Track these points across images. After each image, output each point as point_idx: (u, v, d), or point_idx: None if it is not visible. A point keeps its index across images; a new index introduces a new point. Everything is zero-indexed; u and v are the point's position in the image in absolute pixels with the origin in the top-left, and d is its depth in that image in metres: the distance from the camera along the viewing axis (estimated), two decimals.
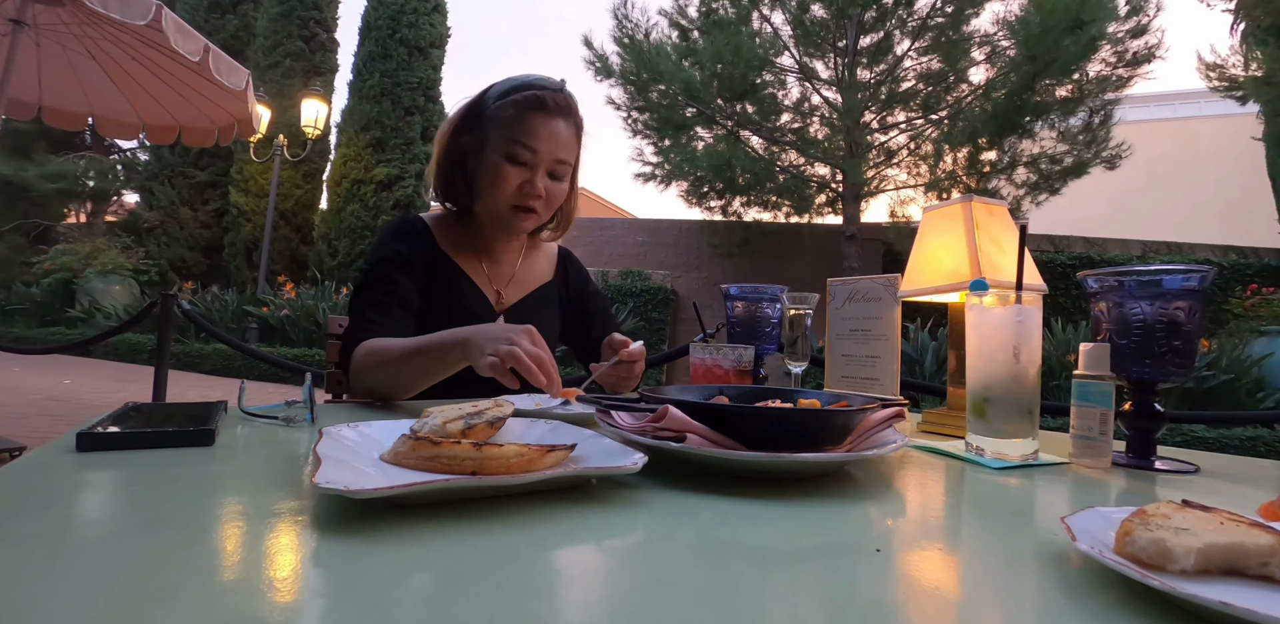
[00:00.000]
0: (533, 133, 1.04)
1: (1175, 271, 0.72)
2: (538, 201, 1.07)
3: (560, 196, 1.12)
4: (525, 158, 1.05)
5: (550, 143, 1.05)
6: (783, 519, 0.45)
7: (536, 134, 1.04)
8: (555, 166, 1.07)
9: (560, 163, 1.07)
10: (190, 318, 3.22)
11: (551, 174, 1.08)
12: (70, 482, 0.49)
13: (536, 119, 1.04)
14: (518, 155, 1.05)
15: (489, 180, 1.07)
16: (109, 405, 0.81)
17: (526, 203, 1.07)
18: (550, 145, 1.05)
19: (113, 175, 12.92)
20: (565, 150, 1.07)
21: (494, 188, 1.06)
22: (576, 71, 5.83)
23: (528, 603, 0.31)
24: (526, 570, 0.35)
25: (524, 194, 1.06)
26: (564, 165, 1.08)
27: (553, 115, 1.05)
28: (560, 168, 1.08)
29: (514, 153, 1.04)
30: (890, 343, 1.02)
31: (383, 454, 0.53)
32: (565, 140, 1.07)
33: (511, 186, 1.06)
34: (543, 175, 1.07)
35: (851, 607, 0.31)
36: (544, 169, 1.06)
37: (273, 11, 10.38)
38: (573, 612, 0.30)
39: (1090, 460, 0.71)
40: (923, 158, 7.56)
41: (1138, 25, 6.61)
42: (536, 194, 1.06)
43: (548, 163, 1.06)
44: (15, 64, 2.88)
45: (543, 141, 1.04)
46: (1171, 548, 0.33)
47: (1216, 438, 3.58)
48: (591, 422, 0.73)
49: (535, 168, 1.06)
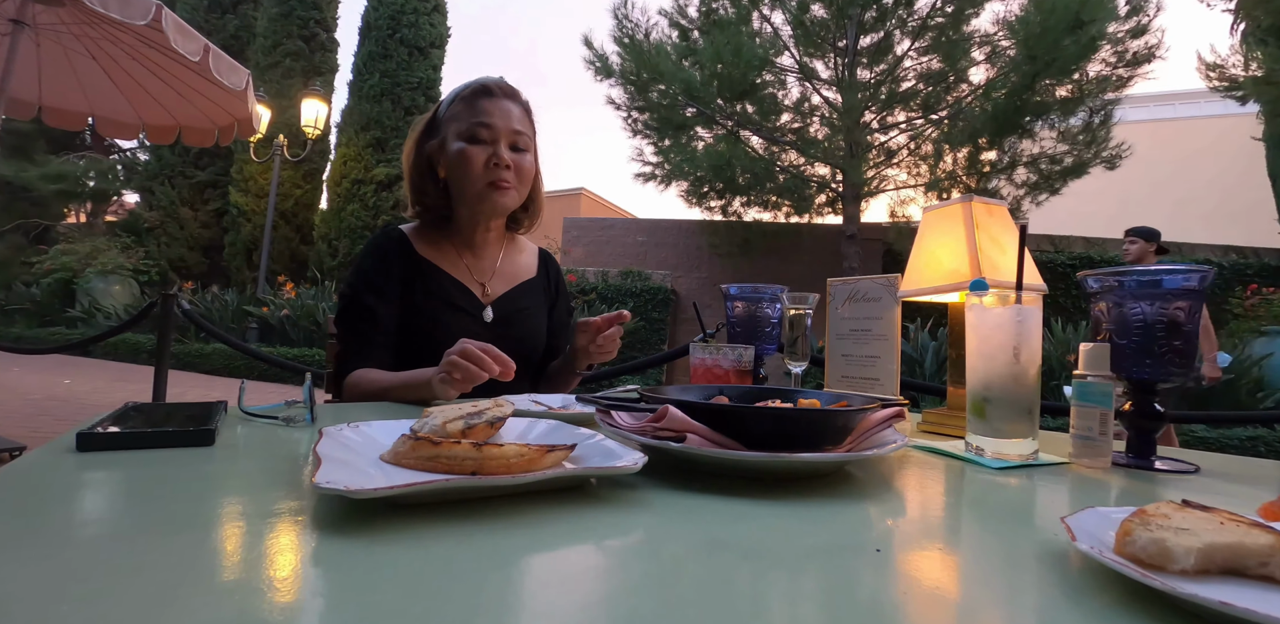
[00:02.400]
0: (485, 112, 1.12)
1: (1175, 271, 0.72)
2: (508, 172, 1.13)
3: (529, 170, 1.17)
4: (484, 135, 1.12)
5: (503, 118, 1.12)
6: (783, 519, 0.45)
7: (489, 112, 1.12)
8: (515, 138, 1.14)
9: (518, 134, 1.14)
10: (190, 318, 3.22)
11: (513, 147, 1.14)
12: (70, 482, 0.49)
13: (484, 102, 1.13)
14: (477, 134, 1.12)
15: (458, 167, 1.13)
16: (109, 405, 0.81)
17: (498, 176, 1.12)
18: (504, 120, 1.12)
19: (113, 175, 12.93)
20: (520, 123, 1.14)
21: (464, 171, 1.13)
22: (577, 71, 5.84)
23: (528, 603, 0.31)
24: (527, 570, 0.35)
25: (492, 168, 1.12)
26: (523, 137, 1.14)
27: (498, 97, 1.14)
28: (520, 139, 1.14)
29: (473, 133, 1.12)
30: (890, 343, 1.02)
31: (383, 454, 0.53)
32: (517, 115, 1.15)
33: (479, 164, 1.12)
34: (505, 148, 1.12)
35: (851, 607, 0.31)
36: (505, 142, 1.13)
37: (273, 11, 10.38)
38: (573, 612, 0.30)
39: (1090, 460, 0.71)
40: (923, 158, 7.56)
41: (1138, 25, 6.61)
42: (505, 164, 1.12)
43: (506, 136, 1.13)
44: (15, 64, 2.88)
45: (496, 117, 1.12)
46: (1171, 548, 0.33)
47: (1216, 438, 3.58)
48: (591, 422, 0.73)
49: (496, 142, 1.12)
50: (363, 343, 1.12)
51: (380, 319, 1.13)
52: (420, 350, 1.14)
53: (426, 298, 1.15)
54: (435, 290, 1.16)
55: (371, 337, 1.12)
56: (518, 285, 1.25)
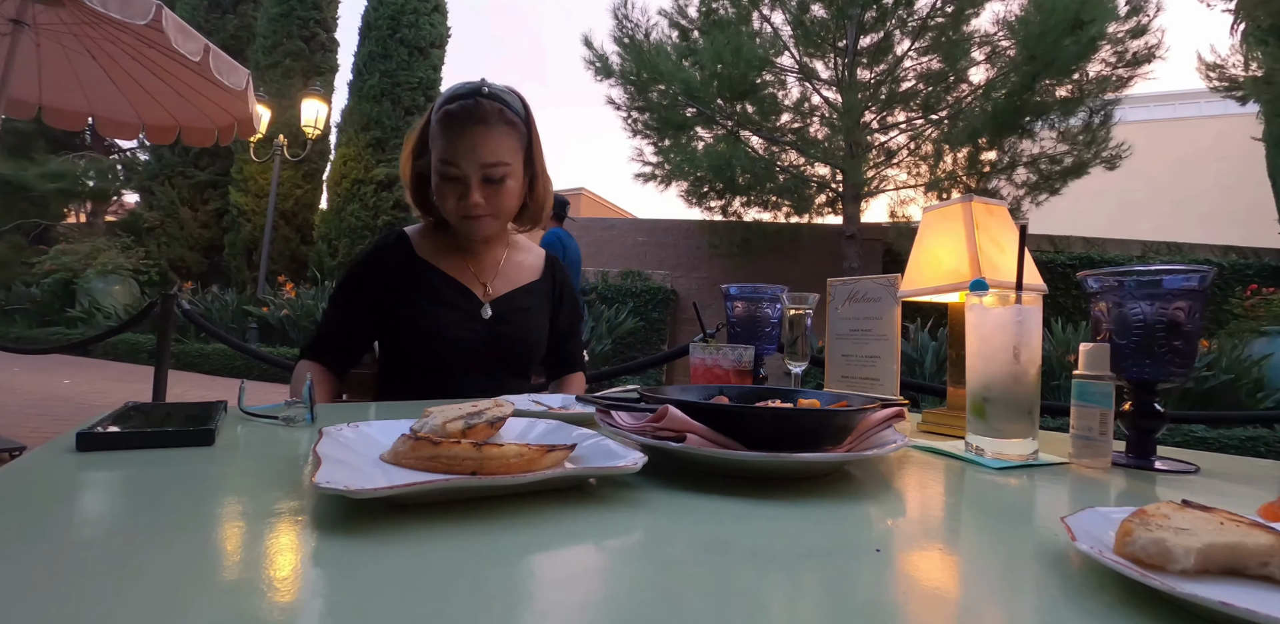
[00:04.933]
0: (452, 149, 1.07)
1: (1175, 272, 0.72)
2: (479, 209, 1.11)
3: (508, 196, 1.13)
4: (454, 173, 1.09)
5: (470, 154, 1.07)
6: (783, 519, 0.45)
7: (456, 149, 1.07)
8: (487, 171, 1.09)
9: (490, 167, 1.08)
10: (190, 318, 3.22)
11: (487, 179, 1.10)
12: (70, 482, 0.49)
13: (451, 135, 1.07)
14: (448, 173, 1.09)
15: (437, 199, 1.14)
16: (109, 405, 0.81)
17: (468, 212, 1.11)
18: (470, 157, 1.07)
19: (113, 175, 12.93)
20: (491, 154, 1.08)
21: (440, 206, 1.14)
22: (577, 71, 5.84)
23: (528, 603, 0.31)
24: (526, 570, 0.35)
25: (463, 207, 1.11)
26: (498, 168, 1.09)
27: (466, 126, 1.07)
28: (494, 171, 1.09)
29: (444, 172, 1.09)
30: (890, 343, 1.02)
31: (383, 454, 0.53)
32: (490, 146, 1.08)
33: (451, 203, 1.11)
34: (477, 186, 1.09)
35: (851, 607, 0.31)
36: (476, 179, 1.09)
37: (273, 11, 10.38)
38: (572, 612, 0.30)
39: (1090, 460, 0.71)
40: (923, 158, 7.56)
41: (1138, 25, 6.61)
42: (473, 204, 1.09)
43: (477, 172, 1.08)
44: (15, 64, 2.88)
45: (461, 155, 1.07)
46: (1171, 548, 0.33)
47: (1216, 438, 3.58)
48: (591, 422, 0.73)
49: (467, 181, 1.09)
50: (319, 340, 1.19)
51: (349, 326, 1.18)
52: (419, 348, 1.15)
53: (424, 298, 1.16)
54: (433, 291, 1.17)
55: (337, 338, 1.19)
56: (520, 287, 1.25)
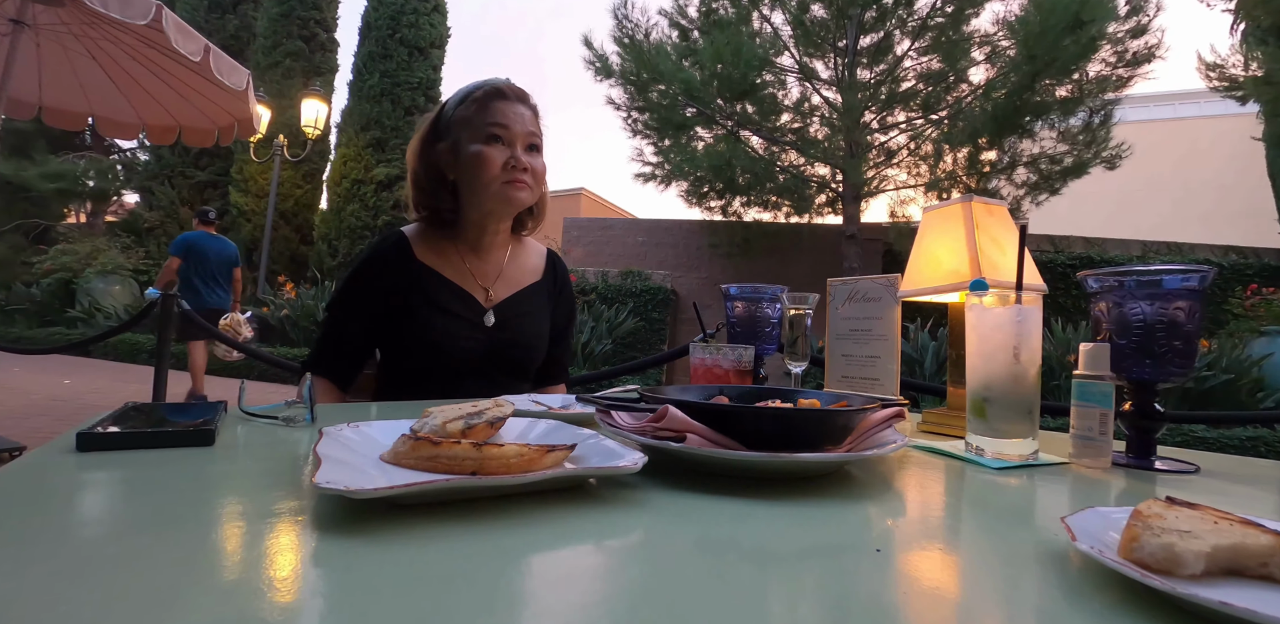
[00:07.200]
0: (502, 114, 1.13)
1: (1175, 271, 0.72)
2: (524, 174, 1.14)
3: (542, 171, 1.19)
4: (502, 135, 1.13)
5: (519, 121, 1.14)
6: (783, 519, 0.45)
7: (506, 115, 1.13)
8: (530, 139, 1.16)
9: (533, 135, 1.16)
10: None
11: (528, 148, 1.16)
12: (70, 482, 0.49)
13: (500, 104, 1.14)
14: (495, 135, 1.13)
15: (473, 168, 1.13)
16: (109, 405, 0.81)
17: (514, 177, 1.13)
18: (519, 123, 1.14)
19: (113, 175, 12.93)
20: (533, 125, 1.17)
21: (480, 171, 1.12)
22: (577, 71, 5.84)
23: (528, 603, 0.31)
24: (526, 570, 0.35)
25: (510, 168, 1.13)
26: (537, 139, 1.17)
27: (512, 101, 1.16)
28: (535, 139, 1.17)
29: (491, 134, 1.13)
30: (890, 343, 1.02)
31: (383, 454, 0.52)
32: (530, 119, 1.17)
33: (497, 165, 1.12)
34: (521, 150, 1.14)
35: (851, 607, 0.31)
36: (520, 145, 1.14)
37: (273, 11, 10.38)
38: (572, 612, 0.30)
39: (1090, 460, 0.71)
40: (923, 158, 7.55)
41: (1138, 25, 6.61)
42: (522, 166, 1.13)
43: (522, 138, 1.14)
44: (15, 64, 2.88)
45: (511, 120, 1.14)
46: (1181, 553, 0.33)
47: (1216, 438, 3.58)
48: (591, 422, 0.73)
49: (513, 143, 1.14)
50: (320, 355, 1.18)
51: (350, 336, 1.17)
52: (419, 355, 1.14)
53: (424, 305, 1.13)
54: (433, 297, 1.14)
55: (340, 347, 1.18)
56: (522, 289, 1.24)
